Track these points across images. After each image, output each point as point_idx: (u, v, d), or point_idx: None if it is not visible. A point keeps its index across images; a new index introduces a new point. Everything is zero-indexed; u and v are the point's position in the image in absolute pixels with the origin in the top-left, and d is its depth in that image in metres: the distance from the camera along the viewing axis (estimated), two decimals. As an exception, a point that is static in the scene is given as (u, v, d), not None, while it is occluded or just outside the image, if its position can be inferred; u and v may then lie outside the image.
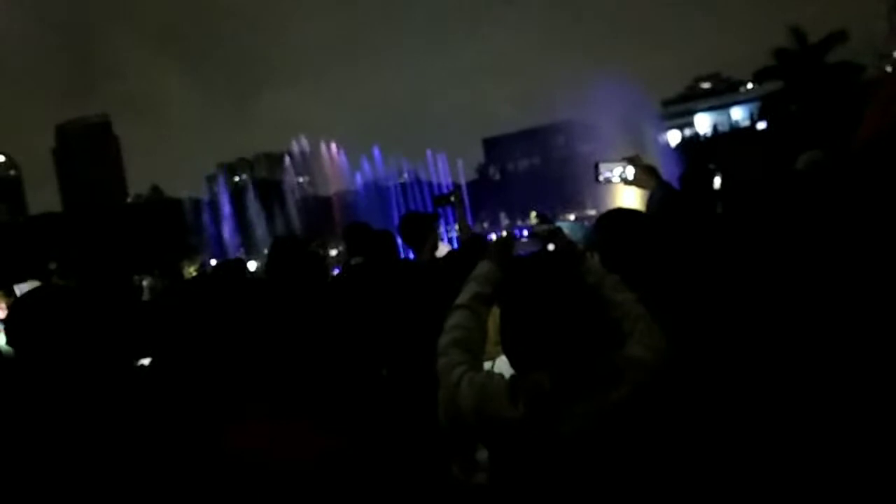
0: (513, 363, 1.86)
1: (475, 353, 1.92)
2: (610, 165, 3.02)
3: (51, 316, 1.94)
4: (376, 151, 52.46)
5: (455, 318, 1.99)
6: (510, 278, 1.96)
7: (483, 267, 2.12)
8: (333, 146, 53.47)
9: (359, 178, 51.93)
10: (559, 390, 1.73)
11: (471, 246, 3.53)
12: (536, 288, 1.85)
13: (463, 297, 2.04)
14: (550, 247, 2.27)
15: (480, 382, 1.80)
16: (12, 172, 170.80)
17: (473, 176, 75.77)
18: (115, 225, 53.88)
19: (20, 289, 6.09)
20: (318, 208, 53.31)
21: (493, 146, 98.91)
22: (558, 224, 3.16)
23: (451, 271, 2.93)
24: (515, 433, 1.74)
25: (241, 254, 44.86)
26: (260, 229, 49.68)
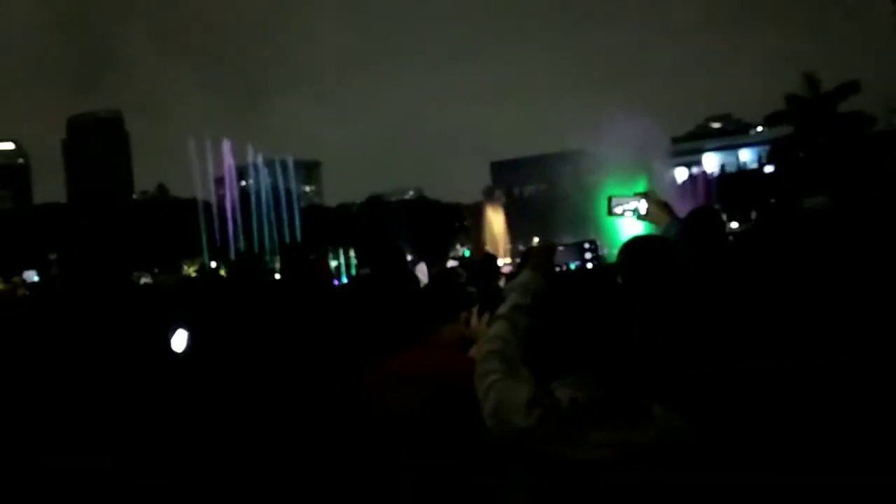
0: (536, 373, 1.86)
1: (511, 363, 1.91)
2: (623, 200, 3.05)
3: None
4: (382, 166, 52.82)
5: (495, 329, 1.99)
6: (553, 290, 1.95)
7: (524, 276, 2.09)
8: (341, 158, 53.94)
9: (363, 192, 52.20)
10: (577, 413, 1.71)
11: (483, 264, 3.59)
12: (582, 301, 1.83)
13: (503, 308, 2.03)
14: (588, 255, 2.27)
15: (505, 388, 1.82)
16: (20, 161, 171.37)
17: (479, 198, 76.04)
18: (119, 220, 53.93)
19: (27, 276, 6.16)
20: (321, 218, 53.46)
21: (501, 170, 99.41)
22: None
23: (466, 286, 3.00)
24: (521, 443, 1.75)
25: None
26: (264, 235, 49.73)
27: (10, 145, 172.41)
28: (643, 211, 3.03)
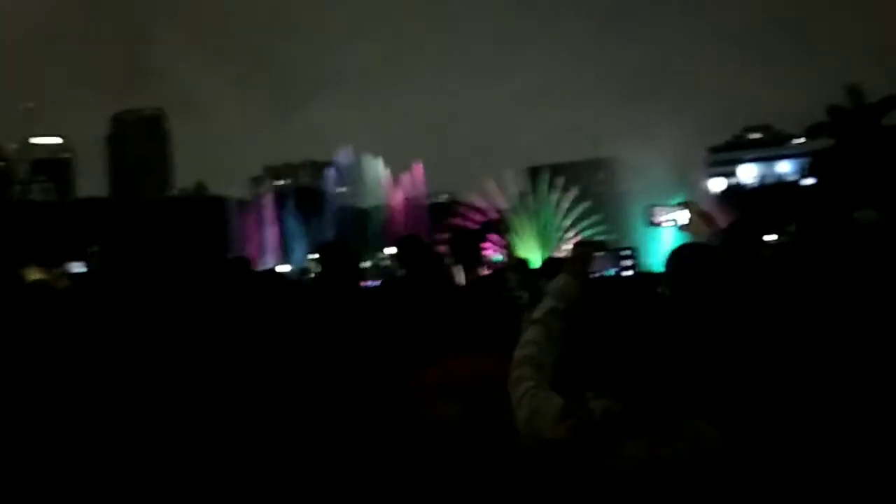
0: (567, 383, 1.86)
1: (545, 370, 1.92)
2: (665, 209, 3.05)
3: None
4: (418, 169, 53.13)
5: (530, 334, 2.00)
6: (591, 298, 1.95)
7: (560, 280, 2.08)
8: (377, 160, 54.49)
9: (398, 194, 52.53)
10: (610, 425, 1.71)
11: (519, 269, 3.62)
12: (620, 311, 1.87)
13: (538, 312, 2.04)
14: (626, 262, 2.27)
15: (539, 398, 1.85)
16: (66, 155, 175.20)
17: (513, 202, 75.54)
18: (158, 216, 54.88)
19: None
20: (355, 220, 53.80)
21: (536, 175, 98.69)
22: None
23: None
24: (553, 453, 1.77)
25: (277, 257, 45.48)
26: (298, 235, 50.18)
27: (56, 140, 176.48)
28: (685, 221, 3.02)
